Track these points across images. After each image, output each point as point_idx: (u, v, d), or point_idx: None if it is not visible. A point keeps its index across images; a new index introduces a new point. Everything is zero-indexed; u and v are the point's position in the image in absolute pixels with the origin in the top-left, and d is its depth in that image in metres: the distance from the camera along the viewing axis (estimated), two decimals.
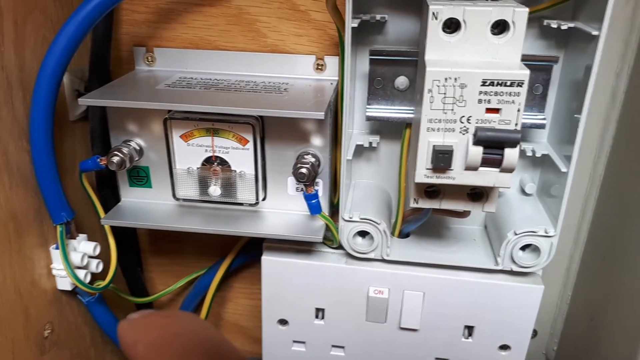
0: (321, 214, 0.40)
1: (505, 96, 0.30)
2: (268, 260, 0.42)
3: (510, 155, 0.30)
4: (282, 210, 0.43)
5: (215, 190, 0.42)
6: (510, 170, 0.31)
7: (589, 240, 0.48)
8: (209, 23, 0.44)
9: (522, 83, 0.29)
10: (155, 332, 0.21)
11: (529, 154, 0.39)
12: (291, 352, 0.45)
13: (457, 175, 0.32)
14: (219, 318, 0.58)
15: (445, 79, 0.30)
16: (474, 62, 0.31)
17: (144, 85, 0.42)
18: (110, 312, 0.48)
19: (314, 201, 0.39)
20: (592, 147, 0.45)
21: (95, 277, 0.45)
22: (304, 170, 0.38)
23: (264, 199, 0.42)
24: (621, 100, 0.42)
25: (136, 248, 0.54)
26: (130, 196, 0.44)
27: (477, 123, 0.30)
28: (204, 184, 0.42)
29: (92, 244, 0.44)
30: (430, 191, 0.34)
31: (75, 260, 0.43)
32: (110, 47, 0.44)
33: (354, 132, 0.42)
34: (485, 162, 0.31)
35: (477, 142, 0.30)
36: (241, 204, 0.42)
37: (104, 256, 0.45)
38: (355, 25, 0.34)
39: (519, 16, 0.30)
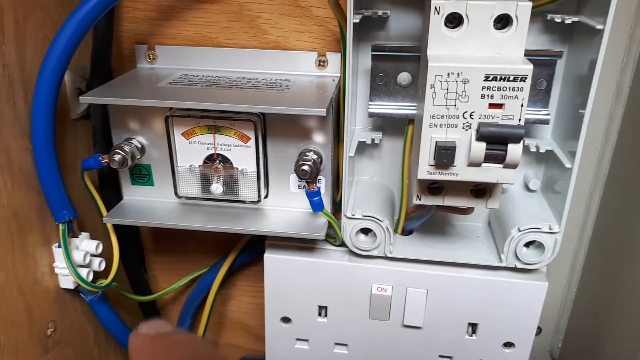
0: (323, 211, 0.39)
1: (508, 91, 0.29)
2: (271, 258, 0.42)
3: (514, 151, 0.30)
4: (285, 208, 0.42)
5: (217, 188, 0.41)
6: (513, 166, 0.30)
7: (593, 236, 0.47)
8: (210, 20, 0.43)
9: (526, 78, 0.29)
10: (162, 358, 0.24)
11: (533, 149, 0.39)
12: (294, 350, 0.45)
13: (460, 172, 0.31)
14: (221, 316, 0.58)
15: (448, 74, 0.29)
16: (476, 57, 0.30)
17: (145, 83, 0.41)
18: (113, 310, 0.48)
19: (316, 198, 0.39)
20: (597, 143, 0.44)
21: (97, 275, 0.45)
22: (306, 168, 0.38)
23: (266, 197, 0.42)
24: (626, 95, 0.42)
25: (139, 246, 0.54)
26: (133, 194, 0.44)
27: (480, 118, 0.30)
28: (206, 182, 0.42)
29: (95, 242, 0.44)
30: (433, 188, 0.34)
31: (77, 259, 0.43)
32: (111, 45, 0.43)
33: (356, 129, 0.41)
34: (489, 158, 0.30)
35: (480, 137, 0.30)
36: (243, 202, 0.42)
37: (106, 254, 0.45)
38: (357, 20, 0.34)
39: (522, 10, 0.29)
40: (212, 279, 0.50)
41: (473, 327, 0.42)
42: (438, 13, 0.30)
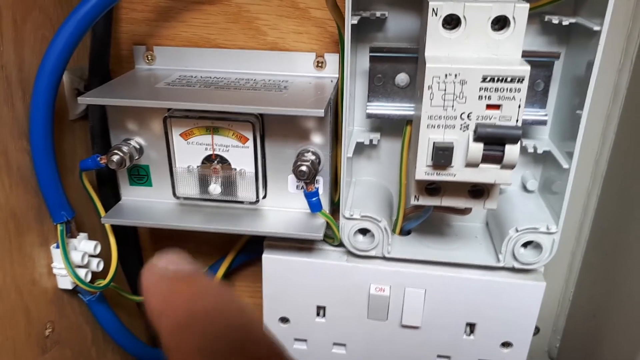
0: (322, 211, 0.40)
1: (505, 92, 0.29)
2: (269, 259, 0.42)
3: (511, 151, 0.30)
4: (283, 208, 0.42)
5: (215, 188, 0.42)
6: (511, 166, 0.31)
7: (591, 236, 0.47)
8: (208, 21, 0.44)
9: (523, 79, 0.29)
10: (183, 308, 0.19)
11: (531, 150, 0.39)
12: (293, 350, 0.45)
13: (458, 172, 0.31)
14: None
15: (446, 76, 0.29)
16: (474, 58, 0.30)
17: (143, 84, 0.42)
18: (112, 311, 0.48)
19: (314, 199, 0.39)
20: (594, 144, 0.45)
21: (96, 276, 0.45)
22: (304, 168, 0.38)
23: (264, 197, 0.42)
24: (623, 96, 0.42)
25: (137, 247, 0.54)
26: (131, 195, 0.44)
27: (477, 119, 0.30)
28: (204, 183, 0.42)
29: (93, 242, 0.44)
30: (431, 188, 0.34)
31: (75, 259, 0.43)
32: (109, 46, 0.43)
33: (355, 130, 0.42)
34: (486, 159, 0.30)
35: (477, 138, 0.30)
36: (241, 202, 0.42)
37: (104, 255, 0.45)
38: (355, 22, 0.34)
39: (519, 12, 0.30)
40: None
41: (471, 327, 0.42)
42: (436, 14, 0.30)
